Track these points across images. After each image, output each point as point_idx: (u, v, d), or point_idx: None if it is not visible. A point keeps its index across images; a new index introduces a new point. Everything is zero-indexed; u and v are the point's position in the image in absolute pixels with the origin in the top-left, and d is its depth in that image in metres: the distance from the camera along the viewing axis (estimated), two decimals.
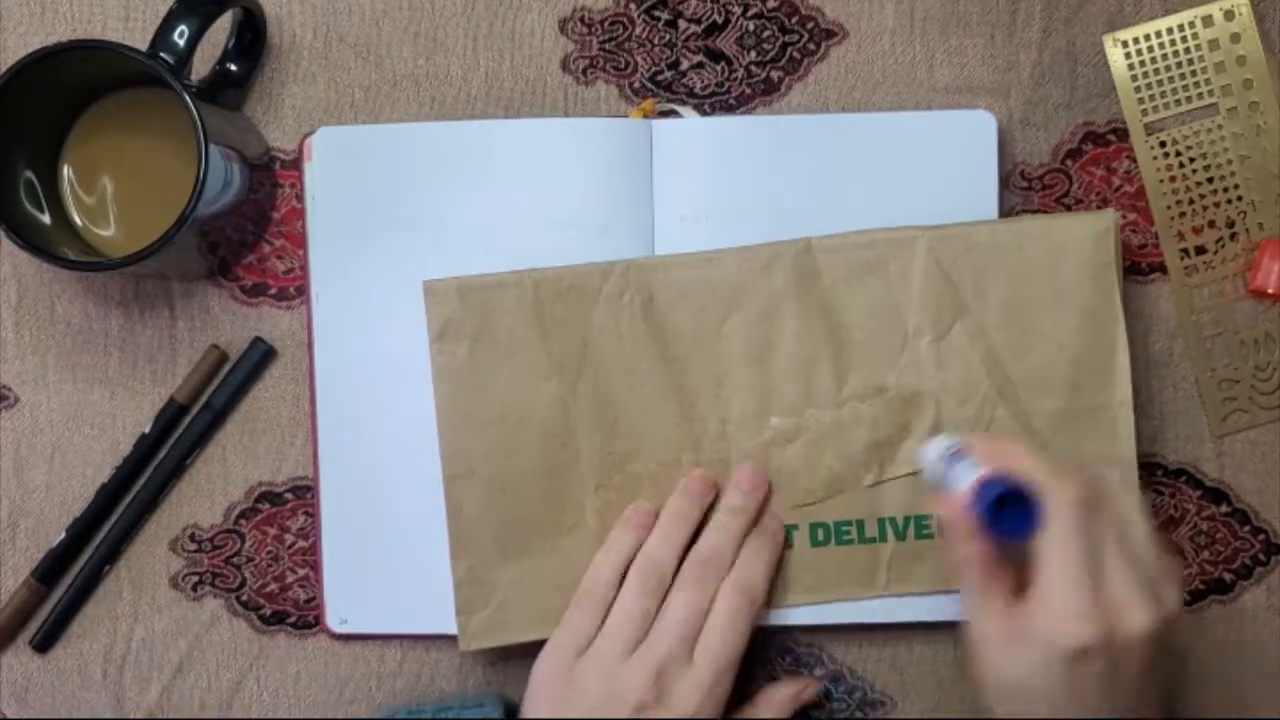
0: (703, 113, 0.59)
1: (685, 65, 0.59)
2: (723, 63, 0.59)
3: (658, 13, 0.59)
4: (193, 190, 0.51)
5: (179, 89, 0.50)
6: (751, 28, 0.59)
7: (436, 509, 0.55)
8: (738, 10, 0.59)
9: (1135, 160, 0.59)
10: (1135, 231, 0.59)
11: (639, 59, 0.59)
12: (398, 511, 0.57)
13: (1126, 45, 0.58)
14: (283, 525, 0.59)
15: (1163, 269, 0.59)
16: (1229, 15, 0.58)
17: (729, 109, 0.59)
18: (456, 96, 0.59)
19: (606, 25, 0.59)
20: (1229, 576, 0.59)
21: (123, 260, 0.51)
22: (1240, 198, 0.58)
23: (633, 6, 0.59)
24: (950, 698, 0.58)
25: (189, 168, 0.51)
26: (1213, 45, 0.58)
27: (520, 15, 0.59)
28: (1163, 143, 0.58)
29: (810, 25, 0.59)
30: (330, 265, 0.58)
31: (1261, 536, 0.59)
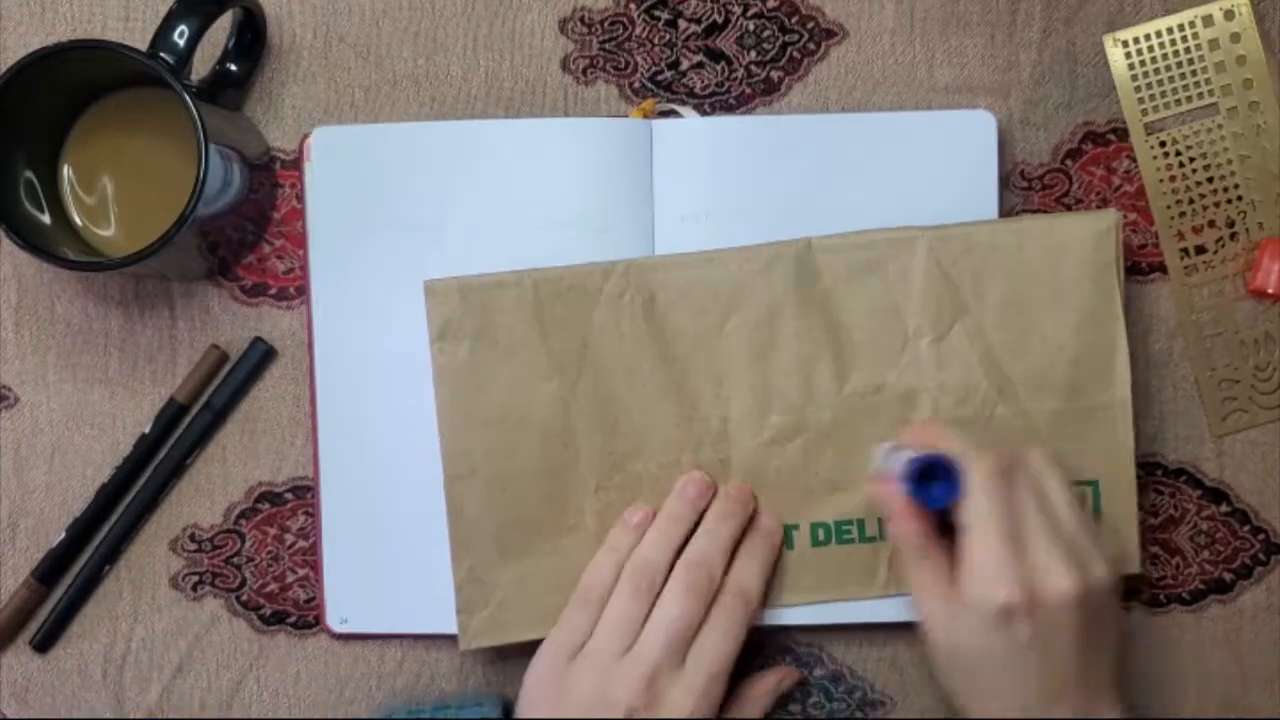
0: (703, 113, 0.59)
1: (685, 65, 0.59)
2: (723, 63, 0.59)
3: (658, 13, 0.59)
4: (193, 190, 0.51)
5: (179, 89, 0.50)
6: (751, 28, 0.59)
7: (436, 509, 0.55)
8: (738, 10, 0.59)
9: (1135, 160, 0.59)
10: (1135, 231, 0.59)
11: (639, 59, 0.59)
12: (398, 511, 0.57)
13: (1126, 45, 0.58)
14: (283, 525, 0.59)
15: (1163, 269, 0.59)
16: (1229, 15, 0.58)
17: (729, 109, 0.59)
18: (456, 96, 0.59)
19: (606, 25, 0.59)
20: (1229, 576, 0.59)
21: (123, 260, 0.51)
22: (1240, 197, 0.58)
23: (633, 6, 0.59)
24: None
25: (189, 168, 0.51)
26: (1213, 45, 0.58)
27: (520, 15, 0.59)
28: (1163, 143, 0.58)
29: (810, 25, 0.59)
30: (330, 265, 0.58)
31: (1261, 536, 0.59)
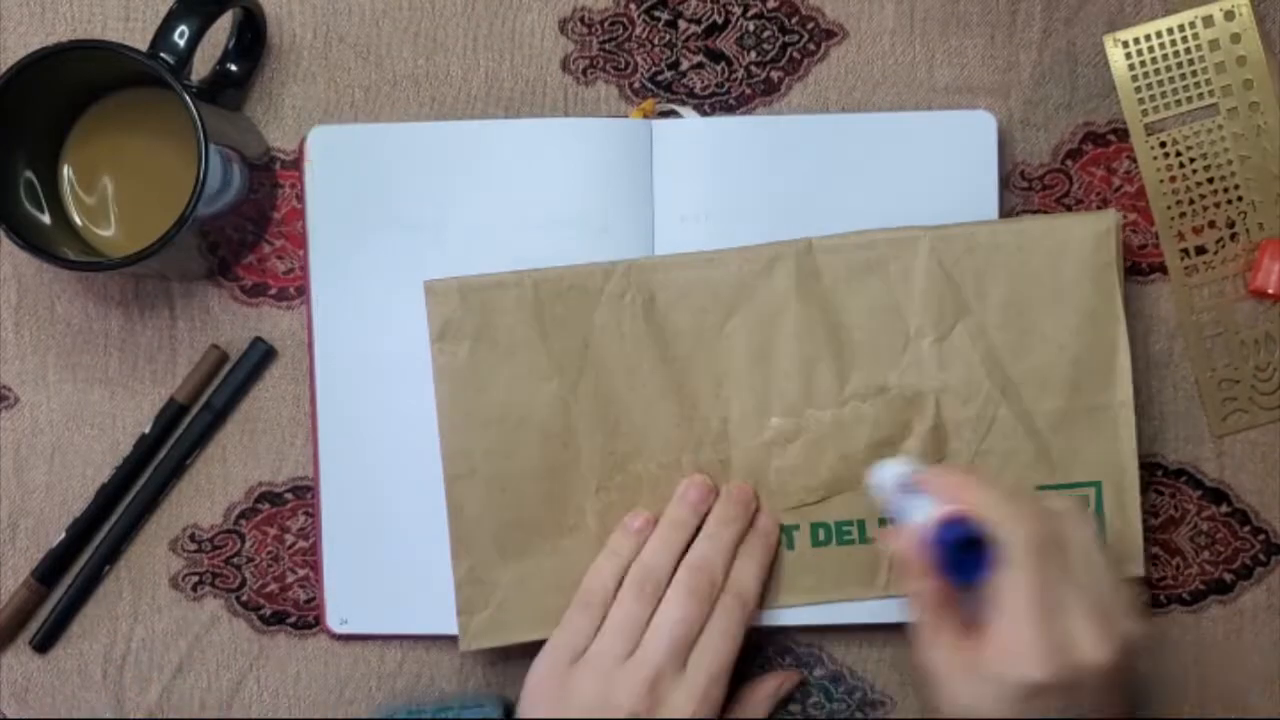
0: (703, 113, 0.59)
1: (685, 65, 0.59)
2: (723, 63, 0.59)
3: (658, 13, 0.59)
4: (193, 190, 0.51)
5: (179, 89, 0.50)
6: (751, 28, 0.59)
7: (436, 509, 0.55)
8: (738, 10, 0.59)
9: (1135, 160, 0.59)
10: (1135, 231, 0.59)
11: (639, 59, 0.59)
12: (398, 511, 0.57)
13: (1127, 45, 0.58)
14: (283, 525, 0.59)
15: (1163, 269, 0.59)
16: (1229, 15, 0.58)
17: (729, 109, 0.59)
18: (456, 96, 0.59)
19: (606, 25, 0.59)
20: (1229, 577, 0.59)
21: (123, 260, 0.51)
22: (1240, 198, 0.58)
23: (633, 6, 0.59)
24: None
25: (189, 168, 0.51)
26: (1213, 45, 0.58)
27: (520, 15, 0.59)
28: (1163, 143, 0.58)
29: (810, 25, 0.59)
30: (330, 265, 0.58)
31: (1261, 537, 0.59)
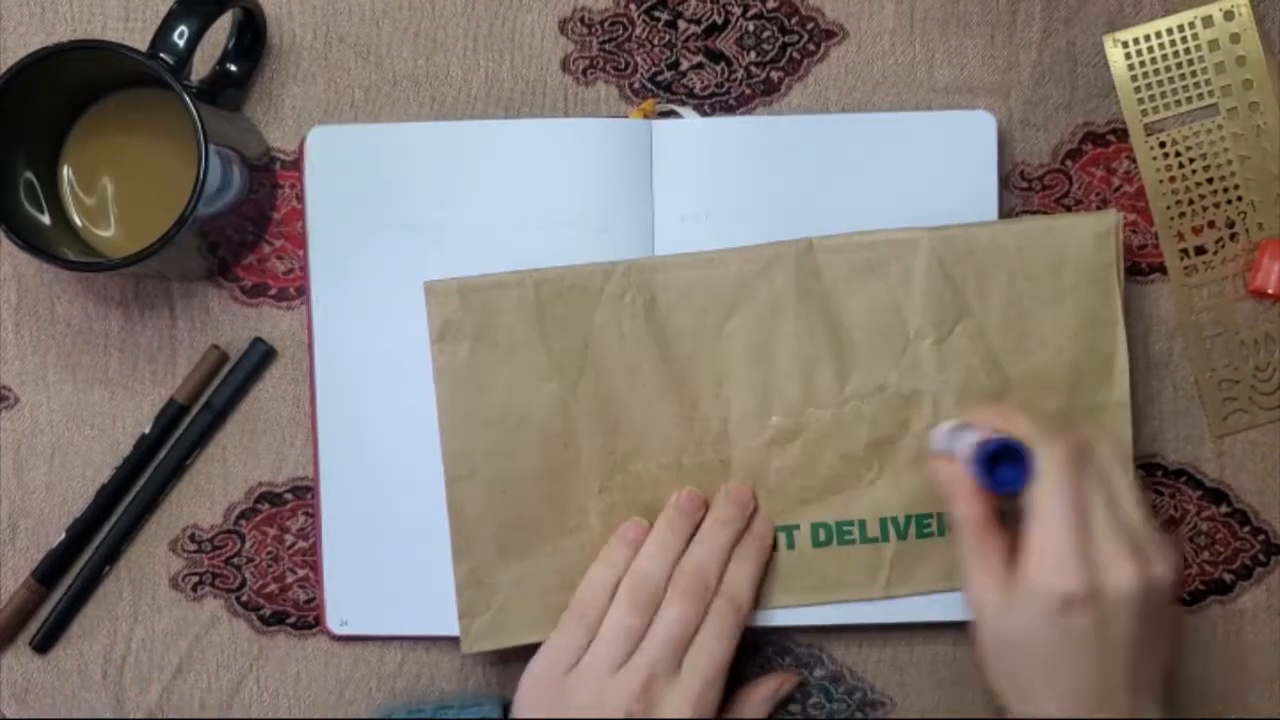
0: (703, 113, 0.59)
1: (685, 66, 0.59)
2: (722, 63, 0.59)
3: (658, 13, 0.59)
4: (193, 191, 0.51)
5: (179, 89, 0.50)
6: (751, 28, 0.59)
7: (437, 510, 0.55)
8: (737, 11, 0.59)
9: (1135, 161, 0.59)
10: (1135, 232, 0.59)
11: (639, 59, 0.59)
12: (398, 512, 0.57)
13: (1126, 45, 0.58)
14: (283, 526, 0.59)
15: (1162, 269, 0.59)
16: (1229, 15, 0.58)
17: (729, 109, 0.59)
18: (456, 97, 0.59)
19: (606, 26, 0.59)
20: (1229, 577, 0.59)
21: (123, 261, 0.51)
22: (1240, 198, 0.58)
23: (633, 7, 0.59)
24: (950, 698, 0.58)
25: (189, 168, 0.51)
26: (1213, 46, 0.58)
27: (520, 15, 0.59)
28: (1162, 143, 0.58)
29: (810, 26, 0.59)
30: (330, 265, 0.58)
31: (1261, 537, 0.59)
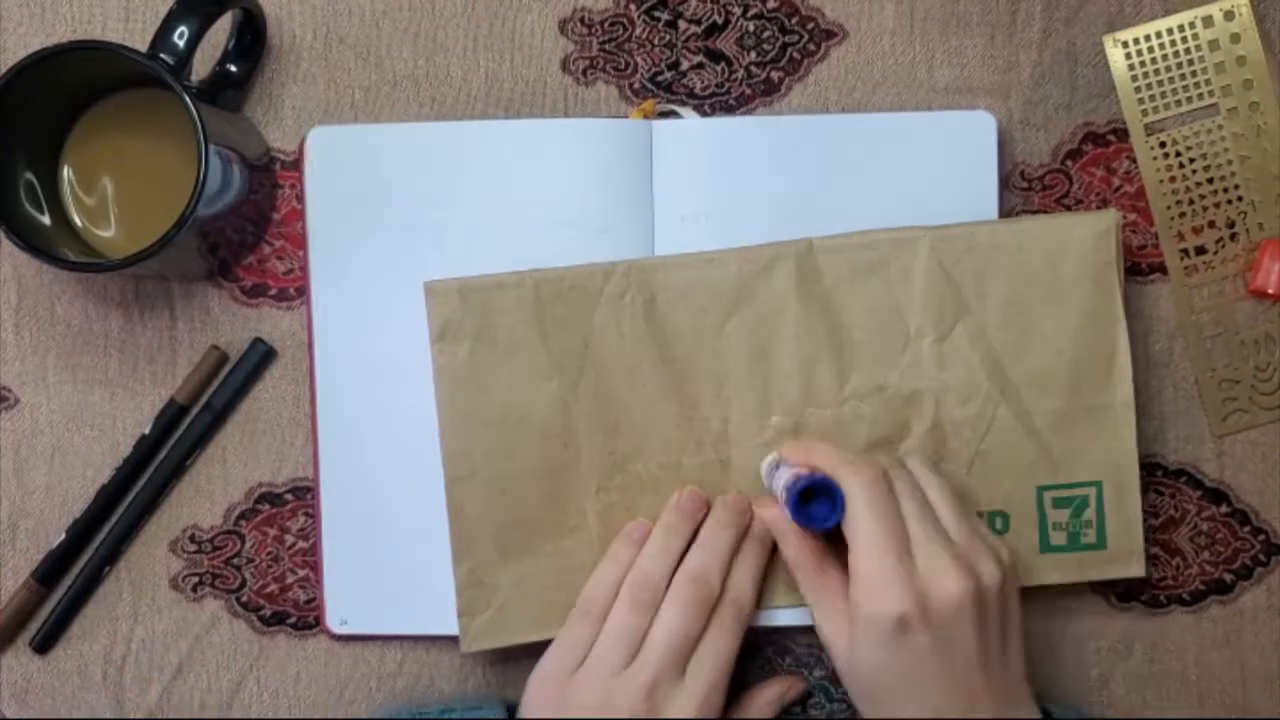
0: (703, 113, 0.59)
1: (685, 66, 0.59)
2: (723, 63, 0.59)
3: (658, 13, 0.59)
4: (193, 191, 0.51)
5: (179, 90, 0.50)
6: (751, 28, 0.59)
7: (436, 510, 0.55)
8: (738, 11, 0.59)
9: (1135, 161, 0.59)
10: (1135, 232, 0.59)
11: (639, 59, 0.59)
12: (398, 512, 0.57)
13: (1126, 46, 0.58)
14: (283, 526, 0.59)
15: (1163, 269, 0.59)
16: (1229, 15, 0.58)
17: (729, 109, 0.59)
18: (456, 97, 0.59)
19: (606, 26, 0.59)
20: (1229, 577, 0.59)
21: (123, 261, 0.51)
22: (1240, 198, 0.58)
23: (633, 7, 0.59)
24: None
25: (189, 169, 0.51)
26: (1213, 46, 0.58)
27: (520, 16, 0.59)
28: (1163, 143, 0.58)
29: (810, 26, 0.59)
30: (330, 266, 0.58)
31: (1261, 537, 0.59)
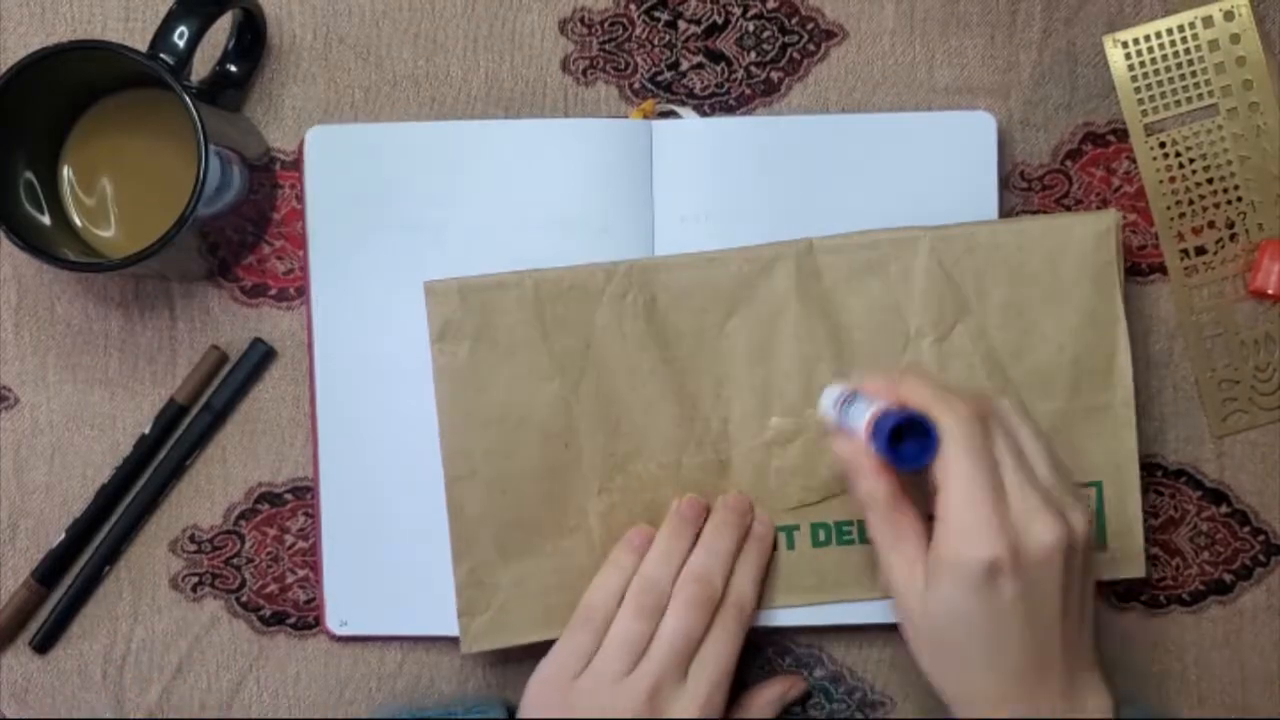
0: (703, 113, 0.59)
1: (685, 66, 0.59)
2: (722, 63, 0.59)
3: (658, 13, 0.59)
4: (192, 191, 0.51)
5: (179, 90, 0.50)
6: (751, 28, 0.59)
7: (436, 510, 0.55)
8: (737, 11, 0.59)
9: (1135, 161, 0.59)
10: (1135, 232, 0.59)
11: (639, 60, 0.59)
12: (398, 512, 0.57)
13: (1126, 46, 0.58)
14: (282, 526, 0.59)
15: (1162, 269, 0.59)
16: (1229, 16, 0.58)
17: (729, 110, 0.59)
18: (456, 97, 0.59)
19: (606, 26, 0.59)
20: (1229, 577, 0.59)
21: (123, 261, 0.51)
22: (1240, 198, 0.58)
23: (633, 7, 0.59)
24: None
25: (189, 168, 0.51)
26: (1213, 46, 0.58)
27: (520, 16, 0.59)
28: (1163, 143, 0.58)
29: (810, 26, 0.59)
30: (330, 266, 0.57)
31: (1261, 537, 0.59)
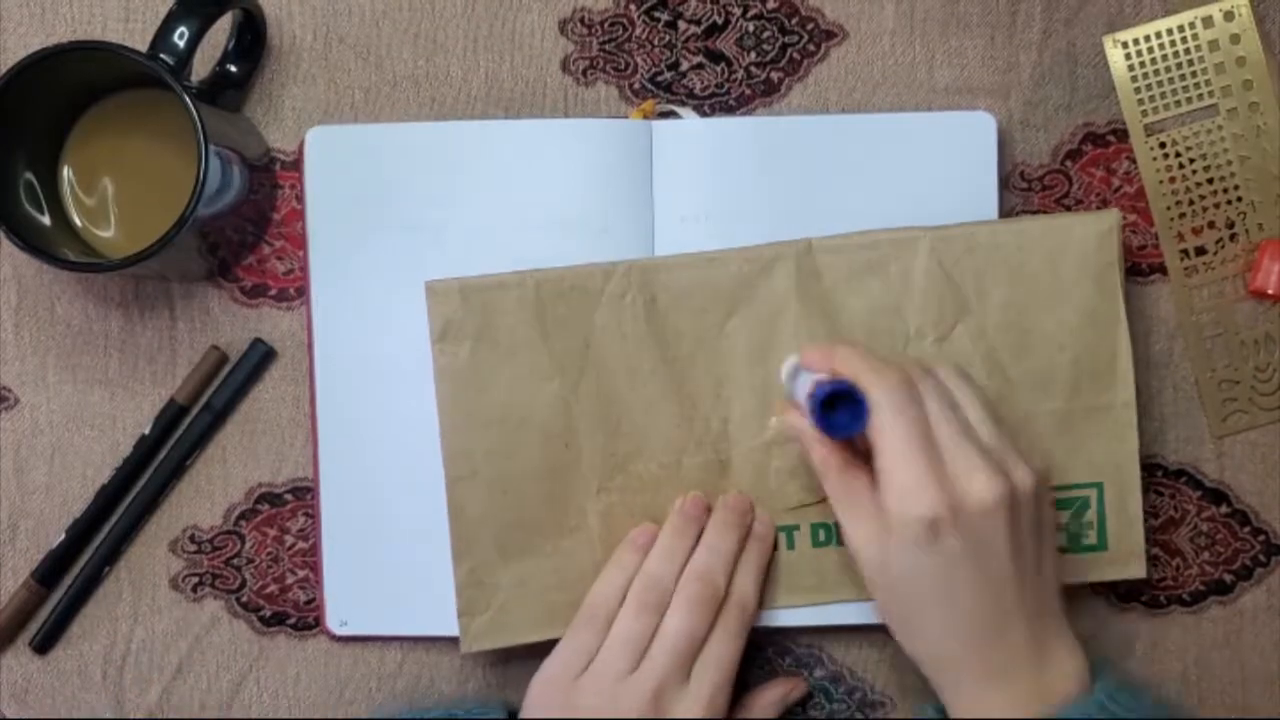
0: (702, 114, 0.59)
1: (685, 66, 0.59)
2: (722, 64, 0.59)
3: (658, 14, 0.59)
4: (192, 191, 0.51)
5: (179, 90, 0.50)
6: (751, 29, 0.59)
7: (437, 510, 0.55)
8: (737, 11, 0.59)
9: (1135, 161, 0.59)
10: (1135, 232, 0.59)
11: (639, 60, 0.59)
12: (398, 512, 0.57)
13: (1126, 46, 0.58)
14: (283, 526, 0.59)
15: (1163, 270, 0.59)
16: (1229, 16, 0.58)
17: (729, 110, 0.59)
18: (456, 97, 0.59)
19: (606, 26, 0.59)
20: (1229, 578, 0.59)
21: (123, 261, 0.51)
22: (1240, 198, 0.58)
23: (633, 7, 0.59)
24: None
25: (189, 169, 0.51)
26: (1212, 46, 0.58)
27: (520, 16, 0.59)
28: (1163, 144, 0.58)
29: (810, 26, 0.59)
30: (330, 266, 0.57)
31: (1261, 537, 0.59)
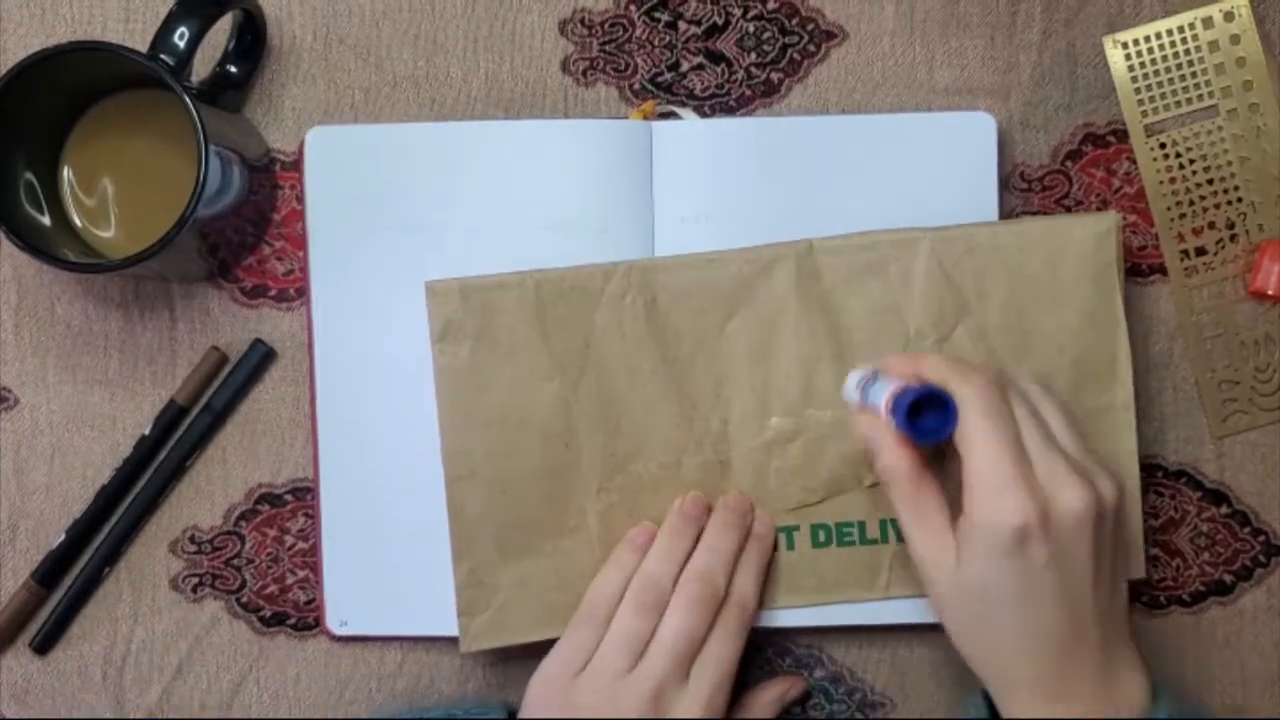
0: (703, 114, 0.59)
1: (685, 67, 0.59)
2: (723, 64, 0.59)
3: (658, 14, 0.59)
4: (193, 192, 0.51)
5: (179, 91, 0.50)
6: (751, 29, 0.59)
7: (437, 510, 0.55)
8: (738, 12, 0.59)
9: (1135, 162, 0.59)
10: (1135, 233, 0.59)
11: (639, 60, 0.59)
12: (398, 513, 0.57)
13: (1126, 47, 0.58)
14: (283, 527, 0.59)
15: (1163, 270, 0.59)
16: (1229, 17, 0.58)
17: (729, 111, 0.59)
18: (456, 98, 0.59)
19: (606, 27, 0.59)
20: (1229, 578, 0.59)
21: (123, 262, 0.51)
22: (1240, 199, 0.58)
23: (633, 8, 0.59)
24: (950, 698, 0.58)
25: (189, 169, 0.51)
26: (1213, 47, 0.58)
27: (520, 17, 0.59)
28: (1163, 144, 0.58)
29: (810, 27, 0.59)
30: (330, 266, 0.58)
31: (1261, 538, 0.59)
